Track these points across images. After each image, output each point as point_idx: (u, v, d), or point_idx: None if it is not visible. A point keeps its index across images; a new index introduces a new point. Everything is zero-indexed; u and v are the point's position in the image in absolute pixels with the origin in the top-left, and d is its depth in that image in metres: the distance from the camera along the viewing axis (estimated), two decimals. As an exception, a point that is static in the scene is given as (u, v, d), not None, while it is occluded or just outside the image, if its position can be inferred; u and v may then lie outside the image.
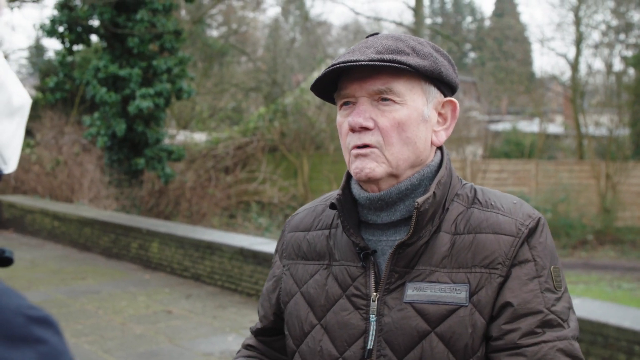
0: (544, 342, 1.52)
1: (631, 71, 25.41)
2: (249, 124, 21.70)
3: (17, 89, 0.85)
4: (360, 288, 1.67)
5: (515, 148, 26.15)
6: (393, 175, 1.64)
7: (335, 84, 1.69)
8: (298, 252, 1.85)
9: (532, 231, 1.60)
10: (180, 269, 10.47)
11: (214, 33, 31.02)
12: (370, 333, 1.63)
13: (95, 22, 16.41)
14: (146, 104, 15.27)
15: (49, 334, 0.61)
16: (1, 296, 0.60)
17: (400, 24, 25.21)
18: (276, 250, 1.96)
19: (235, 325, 7.96)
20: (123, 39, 16.00)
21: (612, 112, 23.51)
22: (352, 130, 1.62)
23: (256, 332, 2.00)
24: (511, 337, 1.54)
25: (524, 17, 58.92)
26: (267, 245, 9.49)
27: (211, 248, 9.89)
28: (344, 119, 1.67)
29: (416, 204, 1.58)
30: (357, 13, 37.52)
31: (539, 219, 1.63)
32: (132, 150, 16.52)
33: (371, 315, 1.64)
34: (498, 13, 42.78)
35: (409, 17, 37.55)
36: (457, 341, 1.55)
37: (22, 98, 0.86)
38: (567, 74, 25.34)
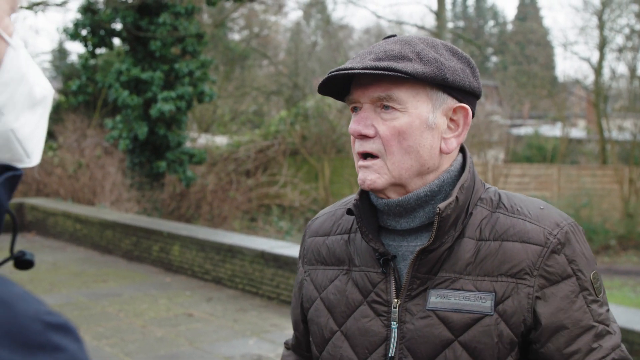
0: (603, 357, 1.54)
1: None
2: (270, 127, 21.76)
3: (39, 80, 0.85)
4: (381, 294, 1.64)
5: (537, 152, 26.02)
6: (398, 185, 1.60)
7: (348, 85, 1.66)
8: (318, 257, 1.83)
9: (566, 241, 1.56)
10: (201, 272, 10.49)
11: (236, 37, 31.15)
12: (392, 340, 1.61)
13: (118, 26, 16.53)
14: (168, 107, 15.34)
15: (67, 340, 0.60)
16: (18, 301, 0.59)
17: (422, 28, 25.19)
18: (299, 256, 1.94)
19: (256, 328, 7.95)
20: (145, 42, 16.08)
21: (636, 117, 23.34)
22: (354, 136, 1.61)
23: (295, 346, 1.99)
24: (575, 359, 1.53)
25: (547, 21, 58.91)
26: (288, 248, 9.49)
27: (232, 251, 9.90)
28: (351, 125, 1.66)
29: (438, 209, 1.55)
30: (378, 17, 37.65)
31: (569, 226, 1.59)
32: (153, 153, 16.60)
33: (392, 322, 1.61)
34: (520, 17, 42.61)
35: (430, 21, 37.52)
36: (482, 351, 1.53)
37: (44, 89, 0.85)
38: (590, 78, 25.20)
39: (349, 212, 1.68)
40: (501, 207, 1.63)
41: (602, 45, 24.66)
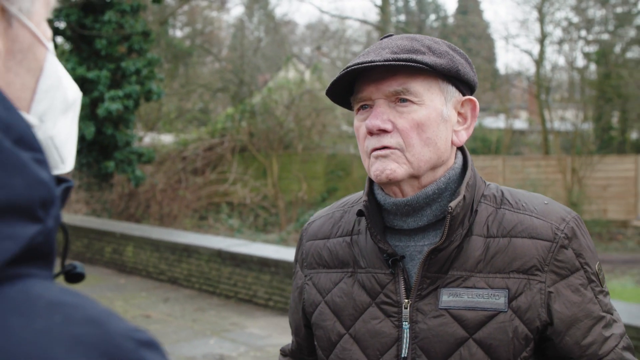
0: (616, 345, 1.58)
1: (593, 67, 25.75)
2: (217, 124, 21.57)
3: (70, 83, 0.84)
4: (390, 295, 1.64)
5: (481, 144, 26.32)
6: (414, 177, 1.61)
7: (350, 87, 1.66)
8: (319, 260, 1.81)
9: (573, 235, 1.59)
10: (156, 272, 10.39)
11: (178, 33, 30.79)
12: (404, 341, 1.61)
13: (61, 24, 16.18)
14: (115, 106, 15.09)
15: (157, 357, 0.61)
16: (110, 320, 0.60)
17: (365, 22, 25.23)
18: (296, 260, 1.92)
19: (216, 328, 7.92)
20: (90, 40, 15.79)
21: (577, 107, 23.80)
22: (370, 133, 1.59)
23: (294, 352, 1.97)
24: (593, 350, 1.57)
25: (488, 15, 59.48)
26: (245, 246, 9.46)
27: (188, 251, 9.83)
28: (361, 123, 1.64)
29: (449, 208, 1.56)
30: (323, 12, 37.57)
31: (574, 220, 1.62)
32: (101, 153, 16.33)
33: (404, 323, 1.61)
34: (461, 11, 43.03)
35: (372, 16, 37.61)
36: (498, 347, 1.54)
37: (75, 92, 0.85)
38: (532, 70, 25.63)
39: (360, 213, 1.67)
40: (506, 203, 1.65)
41: (542, 38, 25.08)
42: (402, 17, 47.09)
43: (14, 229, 0.59)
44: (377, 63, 1.53)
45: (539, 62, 24.74)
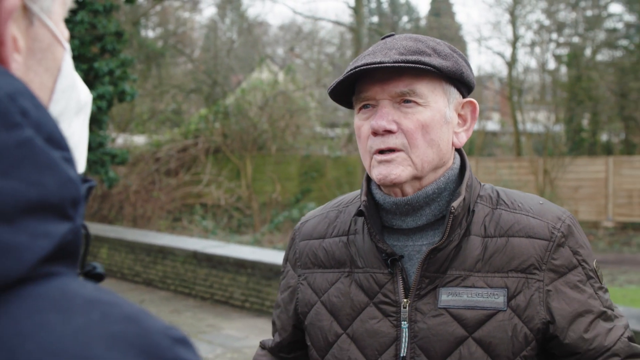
0: (622, 335, 1.60)
1: (564, 69, 26.02)
2: (190, 125, 21.49)
3: (82, 85, 0.84)
4: (388, 295, 1.64)
5: (454, 146, 26.41)
6: (417, 178, 1.62)
7: (351, 87, 1.67)
8: (315, 260, 1.80)
9: (569, 233, 1.61)
10: (131, 274, 10.33)
11: (150, 34, 30.65)
12: (403, 340, 1.61)
13: (33, 24, 16.03)
14: (88, 107, 14.97)
15: (190, 354, 0.61)
16: (146, 317, 0.60)
17: (338, 23, 25.30)
18: (287, 260, 1.91)
19: (192, 330, 7.89)
20: (62, 41, 15.66)
21: (548, 109, 24.04)
22: (375, 133, 1.59)
23: (273, 348, 1.95)
24: (598, 342, 1.58)
25: (460, 17, 59.95)
26: (221, 248, 9.44)
27: (163, 252, 9.79)
28: (363, 122, 1.64)
29: (452, 208, 1.57)
30: (296, 12, 37.55)
31: (569, 218, 1.64)
32: (73, 154, 16.19)
33: (402, 322, 1.62)
34: (434, 13, 43.30)
35: (345, 17, 37.69)
36: (498, 346, 1.55)
37: (86, 94, 0.85)
38: (504, 72, 25.85)
39: (360, 213, 1.67)
40: (502, 204, 1.67)
41: (515, 40, 25.29)
42: (375, 19, 47.23)
43: (48, 227, 0.59)
44: (387, 64, 1.53)
45: (511, 64, 24.96)
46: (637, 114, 21.16)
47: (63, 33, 0.75)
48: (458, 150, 1.74)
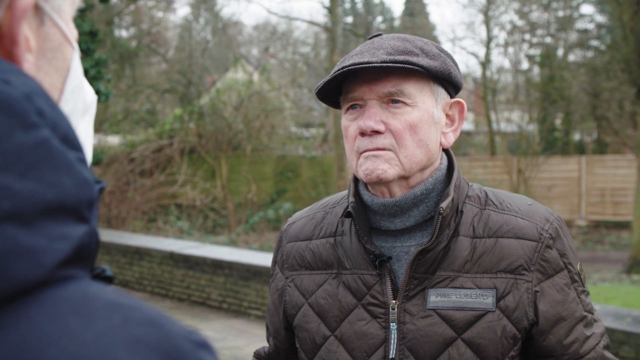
0: (597, 344, 1.61)
1: (537, 69, 26.21)
2: (165, 126, 21.38)
3: (87, 85, 0.83)
4: (377, 296, 1.64)
5: (429, 145, 26.47)
6: (404, 178, 1.61)
7: (338, 88, 1.65)
8: (302, 262, 1.79)
9: (557, 235, 1.61)
10: (107, 275, 10.26)
11: (124, 34, 30.45)
12: (392, 342, 1.60)
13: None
14: (62, 107, 14.86)
15: (212, 357, 0.61)
16: (167, 321, 0.59)
17: (313, 23, 25.29)
18: (275, 262, 1.89)
19: (170, 331, 7.85)
20: (35, 40, 15.53)
21: (522, 109, 24.18)
22: (362, 134, 1.58)
23: (269, 356, 1.93)
24: (574, 349, 1.58)
25: (434, 17, 60.18)
26: (197, 248, 9.40)
27: (139, 253, 9.73)
28: (350, 122, 1.62)
29: (440, 209, 1.56)
30: (273, 13, 37.37)
31: (557, 221, 1.64)
32: (47, 155, 16.06)
33: (391, 324, 1.61)
34: (408, 13, 43.43)
35: (320, 17, 37.68)
36: (486, 347, 1.55)
37: (91, 95, 0.84)
38: (478, 72, 25.97)
39: (348, 215, 1.67)
40: (490, 204, 1.66)
41: (488, 40, 25.43)
42: (350, 19, 47.31)
43: (66, 229, 0.59)
44: (375, 64, 1.52)
45: (485, 64, 25.09)
46: (609, 114, 21.35)
47: (72, 33, 0.74)
48: (445, 151, 1.73)
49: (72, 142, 0.62)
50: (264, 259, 8.58)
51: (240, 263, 8.49)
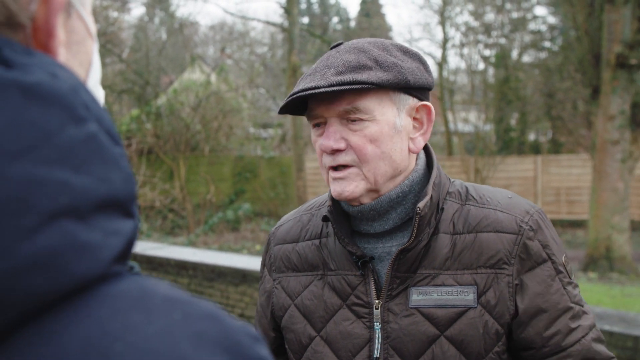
0: (583, 337, 1.59)
1: (492, 70, 26.48)
2: (122, 126, 21.16)
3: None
4: (361, 296, 1.65)
5: (386, 145, 26.55)
6: (373, 191, 1.61)
7: (305, 101, 1.64)
8: (288, 264, 1.81)
9: (538, 227, 1.60)
10: (67, 278, 10.13)
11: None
12: (376, 341, 1.62)
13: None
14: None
15: (266, 351, 0.61)
16: (224, 316, 0.60)
17: (269, 23, 25.24)
18: (263, 264, 1.91)
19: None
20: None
21: (478, 110, 24.41)
22: (325, 152, 1.59)
23: None
24: (555, 341, 1.57)
25: (391, 18, 60.51)
26: (161, 250, 9.33)
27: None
28: (317, 138, 1.63)
29: (417, 209, 1.57)
30: (231, 13, 37.24)
31: (538, 213, 1.64)
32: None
33: (375, 323, 1.63)
34: (364, 14, 43.56)
35: (276, 18, 37.60)
36: (469, 343, 1.56)
37: (101, 90, 0.85)
38: (435, 72, 26.14)
39: (325, 219, 1.68)
40: (470, 199, 1.67)
41: (444, 41, 25.65)
42: (306, 20, 47.32)
43: (117, 224, 0.59)
44: (321, 90, 1.51)
45: (442, 65, 25.30)
46: (563, 114, 21.69)
47: (94, 27, 0.74)
48: (425, 149, 1.74)
49: (115, 137, 0.62)
50: (228, 260, 8.55)
51: (204, 264, 8.45)
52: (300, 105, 1.66)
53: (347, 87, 1.50)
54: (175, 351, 0.54)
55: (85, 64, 0.73)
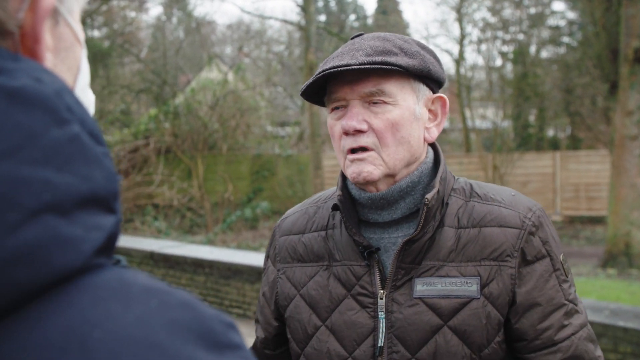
0: (573, 334, 1.62)
1: (511, 66, 26.37)
2: (140, 126, 21.26)
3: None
4: (366, 286, 1.68)
5: (404, 143, 26.48)
6: (390, 176, 1.65)
7: (323, 87, 1.69)
8: (294, 255, 1.84)
9: (539, 224, 1.65)
10: (85, 276, 10.20)
11: (96, 34, 30.23)
12: (380, 330, 1.65)
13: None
14: (36, 108, 14.73)
15: (240, 338, 0.64)
16: (199, 304, 0.62)
17: (287, 22, 25.27)
18: (268, 256, 1.94)
19: (151, 331, 7.82)
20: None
21: (496, 106, 24.33)
22: (346, 133, 1.63)
23: (258, 346, 1.97)
24: (547, 335, 1.61)
25: (407, 15, 60.41)
26: (177, 248, 9.38)
27: (119, 253, 9.63)
28: (335, 122, 1.67)
29: (426, 200, 1.61)
30: (247, 12, 37.37)
31: (540, 210, 1.68)
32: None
33: (380, 313, 1.66)
34: (381, 11, 43.49)
35: (293, 16, 37.64)
36: (472, 333, 1.59)
37: (91, 94, 0.86)
38: (452, 69, 26.07)
39: (335, 207, 1.71)
40: (475, 196, 1.71)
41: (462, 38, 25.57)
42: (323, 17, 47.31)
43: (99, 219, 0.62)
44: (353, 67, 1.56)
45: (459, 61, 25.23)
46: (582, 110, 21.57)
47: (81, 33, 0.77)
48: (432, 145, 1.78)
49: (97, 137, 0.65)
50: (244, 258, 8.59)
51: (221, 262, 8.49)
52: (319, 91, 1.71)
53: (379, 66, 1.56)
54: (150, 337, 0.56)
55: (74, 69, 0.76)
